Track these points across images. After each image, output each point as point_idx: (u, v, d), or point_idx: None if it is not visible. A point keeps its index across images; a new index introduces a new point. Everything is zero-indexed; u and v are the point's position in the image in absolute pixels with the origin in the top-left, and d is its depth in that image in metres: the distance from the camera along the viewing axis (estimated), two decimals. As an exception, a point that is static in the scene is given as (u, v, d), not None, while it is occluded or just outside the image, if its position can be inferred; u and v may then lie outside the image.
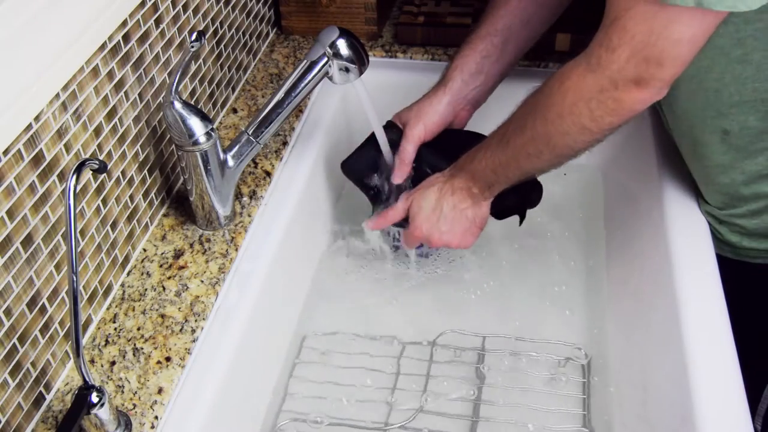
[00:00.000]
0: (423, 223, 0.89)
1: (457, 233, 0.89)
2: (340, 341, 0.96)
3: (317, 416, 0.88)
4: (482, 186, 0.85)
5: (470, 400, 0.89)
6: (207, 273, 0.83)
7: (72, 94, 0.70)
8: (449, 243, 0.90)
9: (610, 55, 0.66)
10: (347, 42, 0.86)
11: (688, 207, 0.89)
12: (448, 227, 0.88)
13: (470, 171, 0.86)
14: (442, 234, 0.89)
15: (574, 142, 0.75)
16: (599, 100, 0.69)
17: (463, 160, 0.87)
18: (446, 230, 0.89)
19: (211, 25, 0.98)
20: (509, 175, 0.82)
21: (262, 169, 0.98)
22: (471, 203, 0.87)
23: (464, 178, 0.86)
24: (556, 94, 0.73)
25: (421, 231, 0.90)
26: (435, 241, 0.90)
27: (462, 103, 0.95)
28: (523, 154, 0.79)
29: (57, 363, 0.72)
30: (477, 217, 0.88)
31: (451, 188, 0.88)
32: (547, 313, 0.99)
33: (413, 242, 0.94)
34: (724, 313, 0.77)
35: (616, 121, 0.71)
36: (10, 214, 0.64)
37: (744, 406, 0.69)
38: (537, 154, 0.78)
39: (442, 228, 0.89)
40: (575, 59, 0.72)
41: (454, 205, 0.88)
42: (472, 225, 0.89)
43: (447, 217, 0.88)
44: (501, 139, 0.81)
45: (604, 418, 0.86)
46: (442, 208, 0.88)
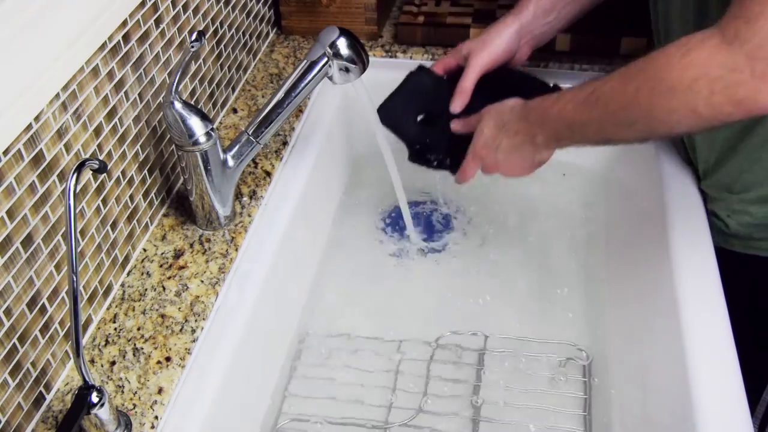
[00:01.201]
0: (481, 148, 0.86)
1: (511, 167, 0.85)
2: (340, 341, 0.96)
3: (317, 416, 0.88)
4: (549, 136, 0.79)
5: (470, 400, 0.89)
6: (207, 273, 0.83)
7: (72, 94, 0.70)
8: (502, 173, 0.87)
9: (750, 27, 0.57)
10: (347, 42, 0.86)
11: (689, 207, 0.89)
12: (504, 158, 0.84)
13: (543, 116, 0.79)
14: (498, 163, 0.85)
15: (677, 124, 0.65)
16: (726, 82, 0.59)
17: (540, 100, 0.80)
18: (502, 160, 0.84)
19: (211, 25, 0.98)
20: (585, 136, 0.75)
21: (262, 169, 0.98)
22: (531, 149, 0.82)
23: (532, 121, 0.80)
24: (676, 66, 0.62)
25: (479, 155, 0.86)
26: (489, 167, 0.87)
27: (527, 36, 0.92)
28: (611, 119, 0.71)
29: (57, 363, 0.72)
30: (536, 159, 0.83)
31: (515, 126, 0.82)
32: (547, 314, 0.99)
33: (470, 167, 0.89)
34: (724, 313, 0.77)
35: (736, 114, 0.61)
36: (10, 214, 0.64)
37: (744, 407, 0.69)
38: (628, 125, 0.69)
39: (498, 157, 0.84)
40: (704, 31, 0.62)
41: (512, 144, 0.83)
42: (529, 164, 0.84)
43: (504, 151, 0.84)
44: (590, 95, 0.72)
45: (605, 418, 0.86)
46: (501, 142, 0.83)
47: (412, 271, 1.06)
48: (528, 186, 1.17)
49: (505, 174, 0.86)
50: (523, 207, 1.14)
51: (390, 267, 1.06)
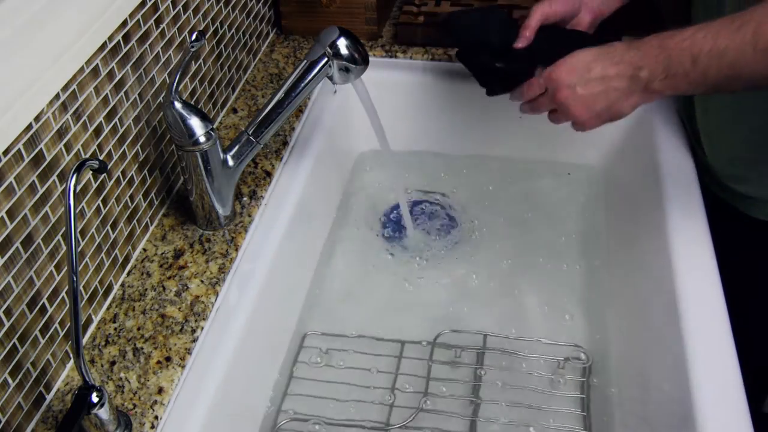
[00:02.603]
0: (563, 72, 0.76)
1: (589, 105, 0.75)
2: (340, 341, 0.96)
3: (317, 416, 0.88)
4: (659, 70, 0.69)
5: (470, 400, 0.89)
6: (207, 273, 0.83)
7: (72, 94, 0.70)
8: (572, 109, 0.77)
9: None
10: (347, 42, 0.86)
11: (689, 207, 0.89)
12: (585, 91, 0.75)
13: (661, 44, 0.69)
14: (574, 98, 0.75)
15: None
16: None
17: (656, 35, 0.71)
18: (580, 96, 0.75)
19: (211, 25, 0.98)
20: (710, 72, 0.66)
21: (262, 169, 0.98)
22: (626, 86, 0.72)
23: (643, 53, 0.71)
24: None
25: (556, 79, 0.77)
26: (561, 97, 0.76)
27: (590, 3, 0.90)
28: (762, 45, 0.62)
29: (57, 363, 0.72)
30: (624, 103, 0.74)
31: (618, 56, 0.73)
32: (547, 313, 0.99)
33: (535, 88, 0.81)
34: (724, 312, 0.77)
35: None
36: (10, 214, 0.64)
37: (744, 406, 0.69)
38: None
39: (579, 91, 0.75)
40: None
41: (606, 75, 0.73)
42: (610, 108, 0.75)
43: (590, 83, 0.74)
44: (735, 20, 0.64)
45: (604, 418, 0.86)
46: (591, 68, 0.74)
47: (412, 271, 1.06)
48: (529, 185, 1.17)
49: (574, 116, 0.77)
50: (524, 206, 1.14)
51: (390, 267, 1.06)
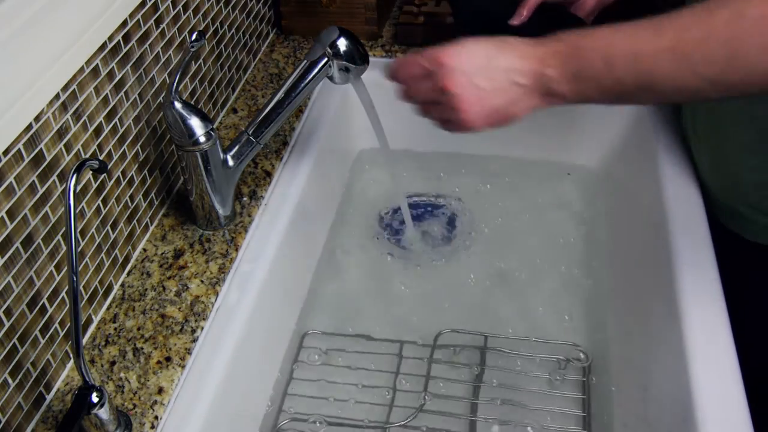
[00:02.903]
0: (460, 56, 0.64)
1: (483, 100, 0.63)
2: (340, 341, 0.96)
3: (317, 416, 0.88)
4: (568, 72, 0.60)
5: (470, 399, 0.89)
6: (207, 273, 0.83)
7: (72, 94, 0.70)
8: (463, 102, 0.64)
9: None
10: (347, 42, 0.86)
11: (689, 207, 0.89)
12: (484, 82, 0.63)
13: (571, 44, 0.61)
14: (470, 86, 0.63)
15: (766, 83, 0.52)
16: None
17: (570, 32, 0.62)
18: (478, 84, 0.63)
19: (211, 25, 0.98)
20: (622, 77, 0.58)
21: (262, 169, 0.98)
22: (530, 84, 0.63)
23: (553, 50, 0.62)
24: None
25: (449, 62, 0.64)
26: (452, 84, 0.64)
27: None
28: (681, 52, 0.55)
29: (57, 363, 0.72)
30: (517, 105, 0.64)
31: (525, 50, 0.63)
32: (547, 313, 0.99)
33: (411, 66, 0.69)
34: (724, 312, 0.77)
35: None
36: (10, 214, 0.64)
37: (744, 406, 0.69)
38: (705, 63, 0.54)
39: (476, 79, 0.63)
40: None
41: (510, 68, 0.63)
42: (503, 109, 0.64)
43: (491, 75, 0.63)
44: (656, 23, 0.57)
45: (604, 418, 0.86)
46: (495, 57, 0.63)
47: (412, 271, 1.06)
48: (529, 186, 1.17)
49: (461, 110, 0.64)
50: (524, 206, 1.14)
51: (390, 266, 1.06)
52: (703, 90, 0.56)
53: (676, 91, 0.58)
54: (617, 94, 0.60)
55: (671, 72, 0.56)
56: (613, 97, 0.60)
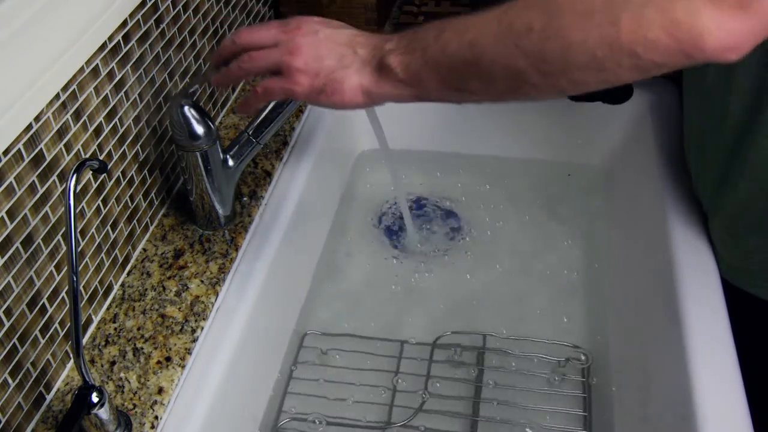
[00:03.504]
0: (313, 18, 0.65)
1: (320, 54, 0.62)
2: (340, 341, 0.96)
3: (317, 416, 0.88)
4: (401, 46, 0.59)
5: (470, 399, 0.89)
6: (207, 273, 0.83)
7: (72, 94, 0.70)
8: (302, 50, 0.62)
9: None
10: (347, 42, 0.86)
11: (689, 207, 0.89)
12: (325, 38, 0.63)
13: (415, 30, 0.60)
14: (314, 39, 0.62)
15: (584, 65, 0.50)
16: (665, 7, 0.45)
17: None
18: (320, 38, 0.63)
19: (211, 25, 0.98)
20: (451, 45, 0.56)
21: (262, 169, 0.98)
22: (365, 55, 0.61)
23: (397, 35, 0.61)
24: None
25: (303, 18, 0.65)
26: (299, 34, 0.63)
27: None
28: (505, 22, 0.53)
29: (57, 363, 0.72)
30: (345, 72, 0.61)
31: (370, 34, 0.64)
32: (547, 314, 0.99)
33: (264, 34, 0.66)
34: (724, 312, 0.77)
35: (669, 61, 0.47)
36: (10, 214, 0.64)
37: (744, 406, 0.69)
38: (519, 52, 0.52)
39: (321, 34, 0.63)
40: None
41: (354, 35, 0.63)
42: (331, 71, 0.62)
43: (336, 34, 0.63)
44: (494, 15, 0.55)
45: (604, 418, 0.86)
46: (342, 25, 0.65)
47: (412, 271, 1.06)
48: (529, 186, 1.17)
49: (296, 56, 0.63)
50: (524, 206, 1.14)
51: (390, 266, 1.06)
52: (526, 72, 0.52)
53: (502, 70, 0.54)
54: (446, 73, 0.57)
55: (494, 43, 0.54)
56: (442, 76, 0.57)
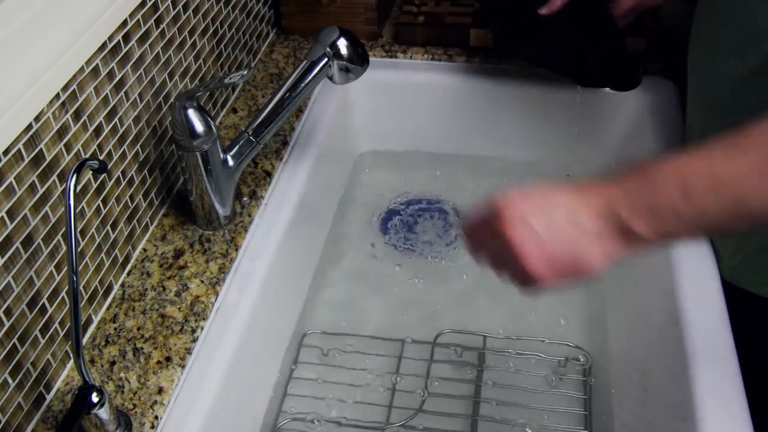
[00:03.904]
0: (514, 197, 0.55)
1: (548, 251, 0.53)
2: (340, 341, 0.96)
3: (317, 416, 0.88)
4: (640, 209, 0.51)
5: (470, 399, 0.89)
6: (207, 273, 0.83)
7: (72, 94, 0.70)
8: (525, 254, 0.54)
9: None
10: (347, 42, 0.86)
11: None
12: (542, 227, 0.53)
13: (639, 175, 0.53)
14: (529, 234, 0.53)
15: None
16: None
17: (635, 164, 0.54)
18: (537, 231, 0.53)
19: (211, 25, 0.98)
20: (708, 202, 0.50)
21: (262, 169, 0.98)
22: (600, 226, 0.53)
23: (618, 184, 0.53)
24: None
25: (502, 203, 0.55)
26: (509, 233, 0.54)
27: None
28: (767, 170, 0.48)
29: (57, 363, 0.72)
30: (589, 253, 0.53)
31: (588, 186, 0.55)
32: (547, 314, 0.99)
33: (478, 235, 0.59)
34: (723, 312, 0.77)
35: None
36: (10, 214, 0.64)
37: (744, 406, 0.69)
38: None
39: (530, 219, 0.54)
40: None
41: (572, 207, 0.54)
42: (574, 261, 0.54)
43: (548, 215, 0.54)
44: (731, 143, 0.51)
45: (604, 418, 0.86)
46: (553, 208, 0.54)
47: (412, 271, 1.06)
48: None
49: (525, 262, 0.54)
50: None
51: (390, 267, 1.06)
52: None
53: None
54: (705, 226, 0.52)
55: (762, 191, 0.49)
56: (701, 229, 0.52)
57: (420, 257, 1.07)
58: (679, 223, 0.51)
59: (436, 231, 1.11)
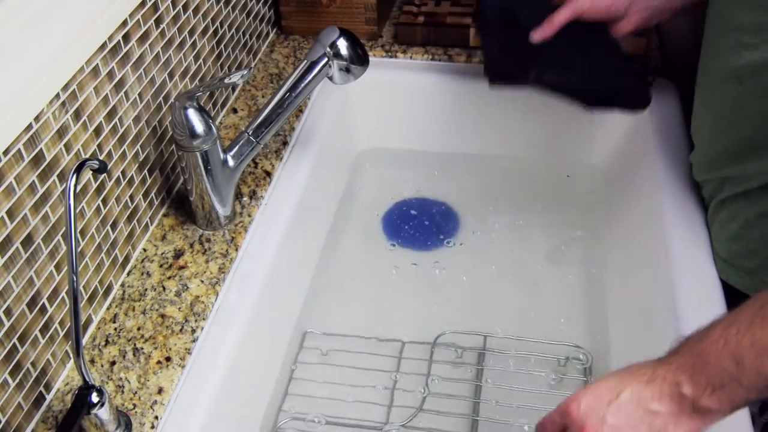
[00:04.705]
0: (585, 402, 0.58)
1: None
2: (340, 341, 0.96)
3: (317, 416, 0.88)
4: (702, 385, 0.54)
5: (470, 399, 0.89)
6: (207, 273, 0.83)
7: (72, 94, 0.70)
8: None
9: None
10: (347, 42, 0.86)
11: (689, 207, 0.89)
12: (618, 421, 0.56)
13: (692, 354, 0.55)
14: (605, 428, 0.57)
15: None
16: None
17: (684, 341, 0.57)
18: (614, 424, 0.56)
19: (211, 25, 0.98)
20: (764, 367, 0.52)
21: (262, 169, 0.98)
22: (671, 409, 0.55)
23: (675, 366, 0.56)
24: None
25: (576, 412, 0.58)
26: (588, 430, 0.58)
27: (641, 4, 0.86)
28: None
29: (57, 363, 0.72)
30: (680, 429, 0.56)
31: (648, 373, 0.57)
32: (547, 313, 0.99)
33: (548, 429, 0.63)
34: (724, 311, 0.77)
35: None
36: (10, 214, 0.64)
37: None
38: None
39: (609, 419, 0.57)
40: None
41: (641, 397, 0.56)
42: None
43: (622, 410, 0.56)
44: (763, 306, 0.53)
45: (604, 418, 0.86)
46: (620, 393, 0.57)
47: (412, 271, 1.06)
48: (529, 186, 1.17)
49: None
50: (524, 207, 1.14)
51: (390, 266, 1.06)
52: None
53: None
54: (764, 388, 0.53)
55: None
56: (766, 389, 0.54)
57: (420, 257, 1.07)
58: (744, 388, 0.53)
59: (436, 230, 1.11)
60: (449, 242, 1.09)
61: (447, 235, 1.10)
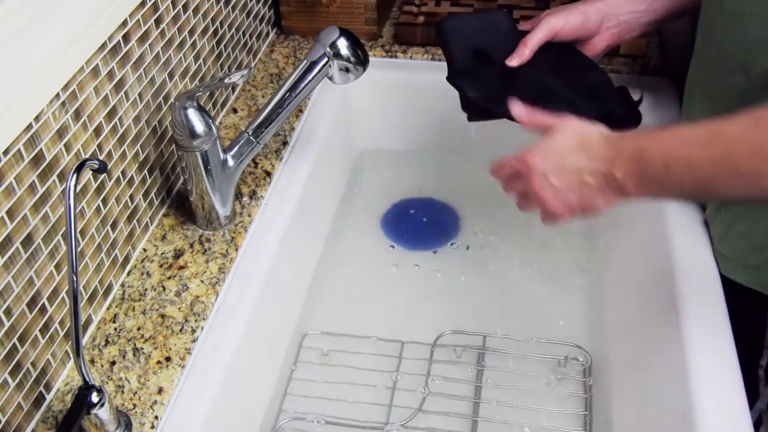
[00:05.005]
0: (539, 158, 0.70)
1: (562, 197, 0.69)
2: (340, 341, 0.96)
3: (317, 416, 0.88)
4: (634, 174, 0.64)
5: (470, 399, 0.89)
6: (207, 273, 0.83)
7: (72, 94, 0.70)
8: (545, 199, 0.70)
9: None
10: (347, 42, 0.86)
11: (689, 207, 0.89)
12: (558, 182, 0.69)
13: (635, 146, 0.65)
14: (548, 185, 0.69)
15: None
16: None
17: (636, 133, 0.68)
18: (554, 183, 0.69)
19: (211, 25, 0.98)
20: (684, 181, 0.61)
21: (262, 169, 0.98)
22: (600, 184, 0.67)
23: (618, 152, 0.66)
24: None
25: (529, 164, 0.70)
26: (534, 185, 0.70)
27: (612, 21, 0.87)
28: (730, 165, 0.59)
29: (57, 363, 0.72)
30: (593, 200, 0.68)
31: (595, 150, 0.67)
32: (547, 313, 0.99)
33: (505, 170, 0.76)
34: (723, 312, 0.77)
35: None
36: (10, 214, 0.64)
37: (744, 406, 0.69)
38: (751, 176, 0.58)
39: (551, 178, 0.69)
40: None
41: (580, 168, 0.68)
42: (580, 204, 0.69)
43: (563, 172, 0.68)
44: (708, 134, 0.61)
45: (604, 418, 0.86)
46: (566, 158, 0.69)
47: (412, 271, 1.06)
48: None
49: (545, 206, 0.71)
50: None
51: (390, 266, 1.06)
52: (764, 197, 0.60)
53: (736, 196, 0.62)
54: (683, 196, 0.64)
55: (726, 180, 0.60)
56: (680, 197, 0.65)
57: (420, 257, 1.07)
58: (662, 190, 0.64)
59: (436, 230, 1.11)
60: (449, 242, 1.09)
61: (447, 235, 1.10)
